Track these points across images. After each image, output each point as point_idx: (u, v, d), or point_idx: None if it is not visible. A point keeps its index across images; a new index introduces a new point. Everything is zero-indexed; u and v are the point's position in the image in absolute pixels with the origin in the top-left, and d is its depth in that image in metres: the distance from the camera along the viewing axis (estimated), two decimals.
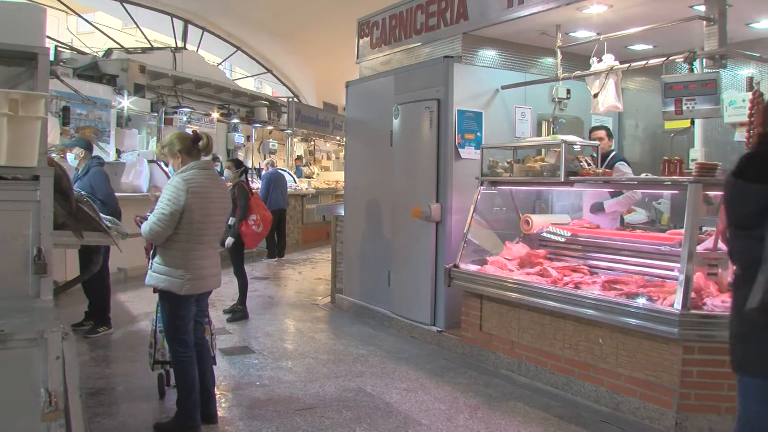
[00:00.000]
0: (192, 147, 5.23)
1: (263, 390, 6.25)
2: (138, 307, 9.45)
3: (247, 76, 26.49)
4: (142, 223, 5.15)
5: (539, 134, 8.35)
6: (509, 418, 5.62)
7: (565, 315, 6.12)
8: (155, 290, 5.19)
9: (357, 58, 10.39)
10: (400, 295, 8.49)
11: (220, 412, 5.55)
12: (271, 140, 22.03)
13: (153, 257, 5.17)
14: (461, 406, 5.89)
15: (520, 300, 6.52)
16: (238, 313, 9.03)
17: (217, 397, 5.63)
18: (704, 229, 6.12)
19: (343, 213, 10.14)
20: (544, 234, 7.29)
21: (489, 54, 8.39)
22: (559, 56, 7.75)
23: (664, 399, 5.40)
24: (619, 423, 5.54)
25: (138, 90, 15.01)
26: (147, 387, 6.16)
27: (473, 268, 7.19)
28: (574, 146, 6.75)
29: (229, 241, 8.64)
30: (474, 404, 5.94)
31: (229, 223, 8.23)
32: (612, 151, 7.75)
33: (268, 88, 27.64)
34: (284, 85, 26.50)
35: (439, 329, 7.84)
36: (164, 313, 5.29)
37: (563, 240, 7.06)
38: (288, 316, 9.49)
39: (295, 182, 19.42)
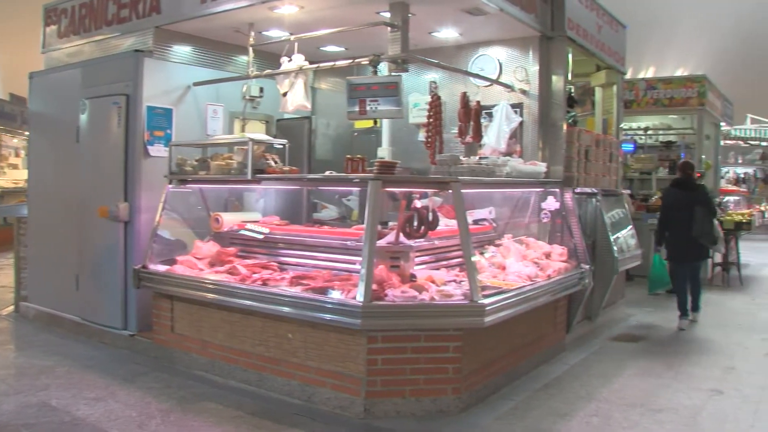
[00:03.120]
0: None
1: None
2: None
3: None
4: None
5: (232, 132, 8.28)
6: (202, 419, 5.51)
7: (254, 312, 6.12)
8: None
9: (43, 48, 9.65)
10: (90, 300, 8.04)
11: None
12: None
13: None
14: (153, 411, 5.67)
15: (210, 299, 6.43)
16: None
17: None
18: (390, 223, 6.42)
19: (26, 214, 9.39)
20: (243, 232, 7.22)
21: (183, 50, 8.18)
22: (252, 55, 7.75)
23: (352, 387, 5.59)
24: (312, 414, 5.64)
25: None
26: None
27: (162, 268, 6.98)
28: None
29: None
30: (166, 408, 5.74)
31: None
32: None
33: None
34: None
35: (131, 333, 7.52)
36: None
37: (254, 237, 7.05)
38: None
39: None
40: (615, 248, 8.37)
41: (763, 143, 28.18)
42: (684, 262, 9.50)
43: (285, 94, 7.56)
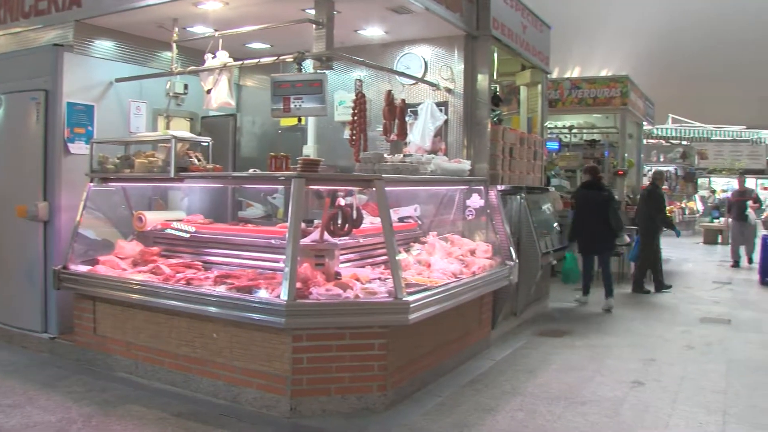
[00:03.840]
0: None
1: None
2: None
3: None
4: None
5: (155, 129, 8.15)
6: (126, 422, 5.40)
7: (179, 312, 6.03)
8: None
9: None
10: (8, 303, 7.79)
11: None
12: None
13: None
14: (74, 416, 5.52)
15: (134, 300, 6.31)
16: None
17: None
18: (315, 221, 6.40)
19: None
20: (170, 231, 7.11)
21: (105, 45, 7.99)
22: (175, 51, 7.65)
23: (278, 387, 5.56)
24: (238, 414, 5.59)
25: None
26: None
27: (84, 268, 6.82)
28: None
29: None
30: (88, 412, 5.60)
31: None
32: None
33: None
34: None
35: (51, 336, 7.33)
36: None
37: (179, 236, 6.95)
38: None
39: None
40: (539, 245, 8.51)
41: (684, 142, 29.02)
42: (590, 254, 10.75)
43: (209, 91, 7.48)
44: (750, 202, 16.28)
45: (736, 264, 15.88)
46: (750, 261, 15.85)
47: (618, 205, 11.57)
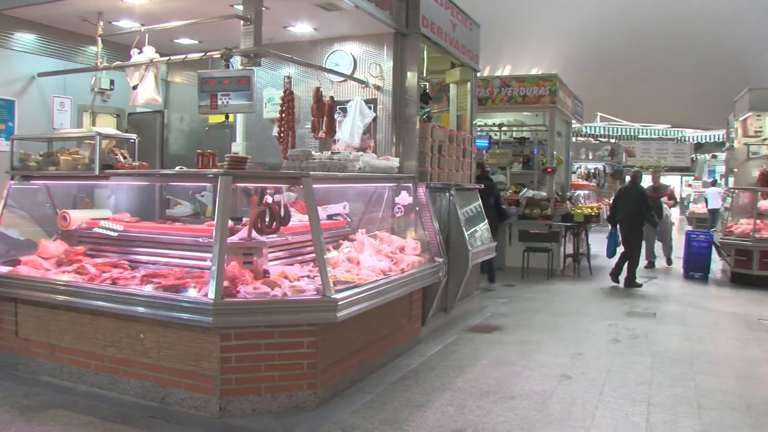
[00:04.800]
0: None
1: None
2: None
3: None
4: None
5: (80, 126, 8.00)
6: (49, 427, 5.26)
7: (105, 313, 5.90)
8: None
9: None
10: None
11: None
12: None
13: None
14: None
15: (58, 300, 6.15)
16: None
17: None
18: (244, 219, 6.35)
19: None
20: (96, 230, 6.96)
21: (26, 38, 7.83)
22: (100, 45, 7.51)
23: (207, 387, 5.49)
24: (166, 416, 5.50)
25: None
26: None
27: (5, 269, 6.63)
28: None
29: None
30: (8, 419, 5.43)
31: None
32: None
33: None
34: None
35: None
36: None
37: (105, 235, 6.82)
38: None
39: None
40: (469, 241, 8.59)
41: (612, 140, 29.64)
42: None
43: (135, 88, 7.37)
44: (665, 199, 15.69)
45: (650, 265, 15.29)
46: (669, 262, 15.55)
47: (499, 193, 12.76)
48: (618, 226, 12.76)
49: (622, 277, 12.61)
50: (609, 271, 13.01)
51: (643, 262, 14.87)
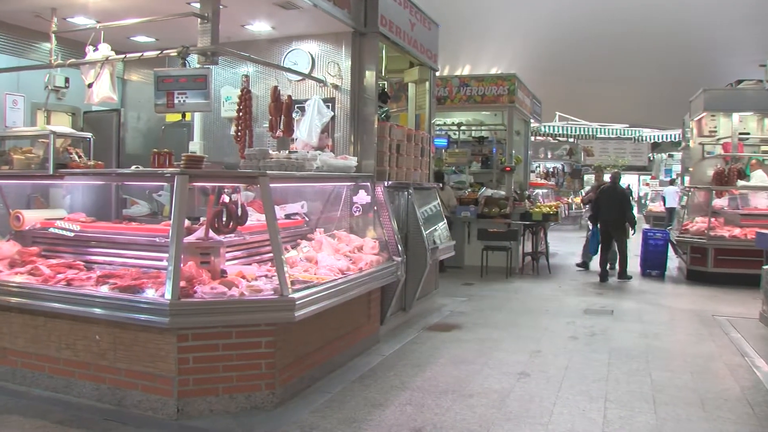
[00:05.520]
0: None
1: None
2: None
3: None
4: None
5: (34, 124, 7.88)
6: None
7: (60, 314, 5.81)
8: None
9: None
10: None
11: None
12: None
13: None
14: None
15: (10, 303, 6.04)
16: None
17: None
18: (201, 219, 6.31)
19: None
20: (50, 230, 6.86)
21: None
22: (54, 42, 7.40)
23: (164, 388, 5.44)
24: (123, 418, 5.44)
25: None
26: None
27: None
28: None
29: None
30: None
31: None
32: None
33: None
34: None
35: None
36: None
37: (60, 235, 6.73)
38: None
39: None
40: (427, 240, 8.63)
41: (571, 140, 29.94)
42: None
43: (90, 85, 7.28)
44: None
45: (583, 265, 14.74)
46: (618, 270, 13.64)
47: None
48: (599, 225, 13.49)
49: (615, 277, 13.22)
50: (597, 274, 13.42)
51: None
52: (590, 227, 14.33)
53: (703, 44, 25.03)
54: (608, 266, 13.36)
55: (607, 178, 15.53)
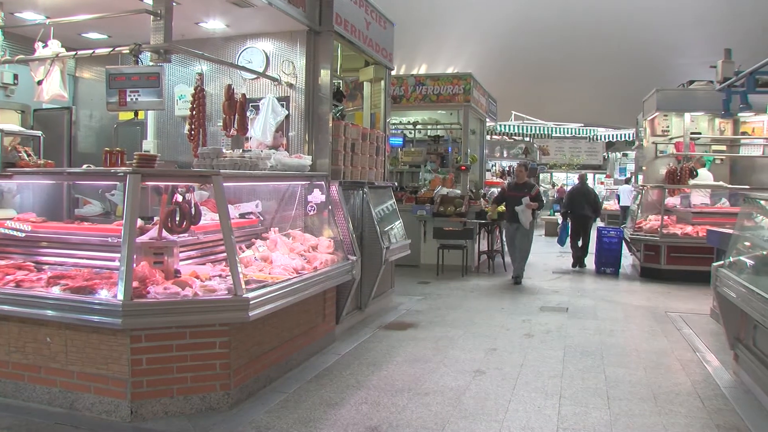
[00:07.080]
0: None
1: None
2: None
3: None
4: None
5: None
6: None
7: (9, 316, 5.70)
8: None
9: None
10: None
11: None
12: None
13: None
14: None
15: None
16: None
17: None
18: (155, 218, 6.24)
19: None
20: (2, 230, 6.68)
21: None
22: (1, 38, 7.30)
23: (117, 390, 5.38)
24: (75, 422, 5.36)
25: None
26: None
27: None
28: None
29: None
30: None
31: None
32: None
33: None
34: None
35: None
36: None
37: (9, 236, 6.60)
38: None
39: None
40: (382, 239, 8.63)
41: (526, 138, 30.18)
42: None
43: (40, 83, 7.16)
44: (526, 199, 12.46)
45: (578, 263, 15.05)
46: (515, 280, 12.75)
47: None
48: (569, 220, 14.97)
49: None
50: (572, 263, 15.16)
51: (569, 252, 15.48)
52: (560, 222, 15.68)
53: (655, 45, 25.37)
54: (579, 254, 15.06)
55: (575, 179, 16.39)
